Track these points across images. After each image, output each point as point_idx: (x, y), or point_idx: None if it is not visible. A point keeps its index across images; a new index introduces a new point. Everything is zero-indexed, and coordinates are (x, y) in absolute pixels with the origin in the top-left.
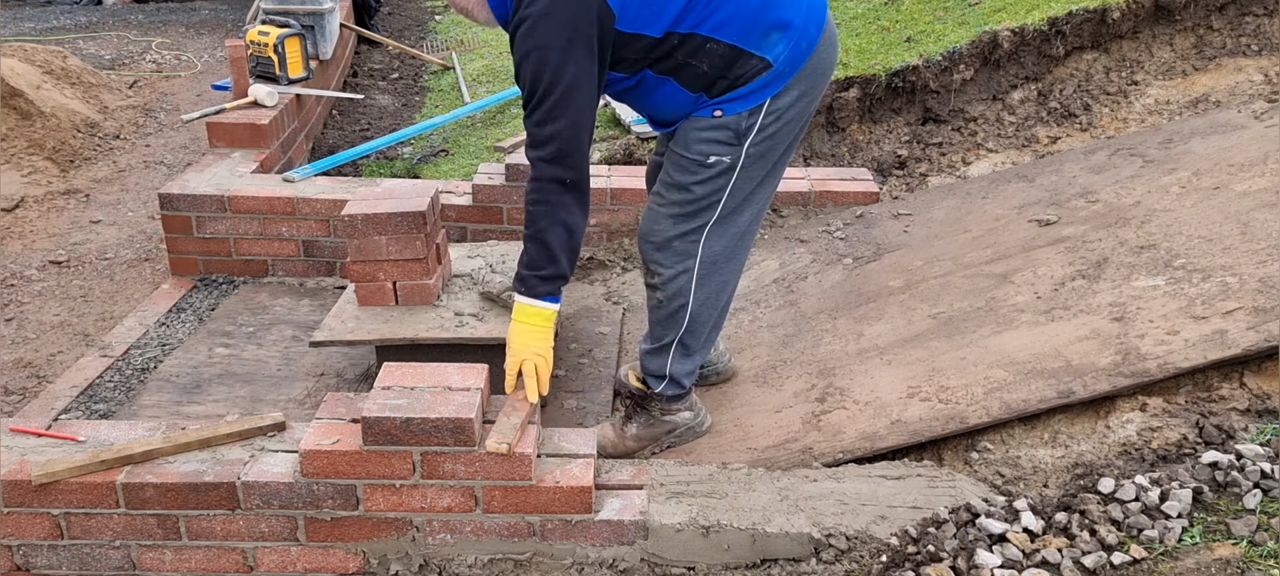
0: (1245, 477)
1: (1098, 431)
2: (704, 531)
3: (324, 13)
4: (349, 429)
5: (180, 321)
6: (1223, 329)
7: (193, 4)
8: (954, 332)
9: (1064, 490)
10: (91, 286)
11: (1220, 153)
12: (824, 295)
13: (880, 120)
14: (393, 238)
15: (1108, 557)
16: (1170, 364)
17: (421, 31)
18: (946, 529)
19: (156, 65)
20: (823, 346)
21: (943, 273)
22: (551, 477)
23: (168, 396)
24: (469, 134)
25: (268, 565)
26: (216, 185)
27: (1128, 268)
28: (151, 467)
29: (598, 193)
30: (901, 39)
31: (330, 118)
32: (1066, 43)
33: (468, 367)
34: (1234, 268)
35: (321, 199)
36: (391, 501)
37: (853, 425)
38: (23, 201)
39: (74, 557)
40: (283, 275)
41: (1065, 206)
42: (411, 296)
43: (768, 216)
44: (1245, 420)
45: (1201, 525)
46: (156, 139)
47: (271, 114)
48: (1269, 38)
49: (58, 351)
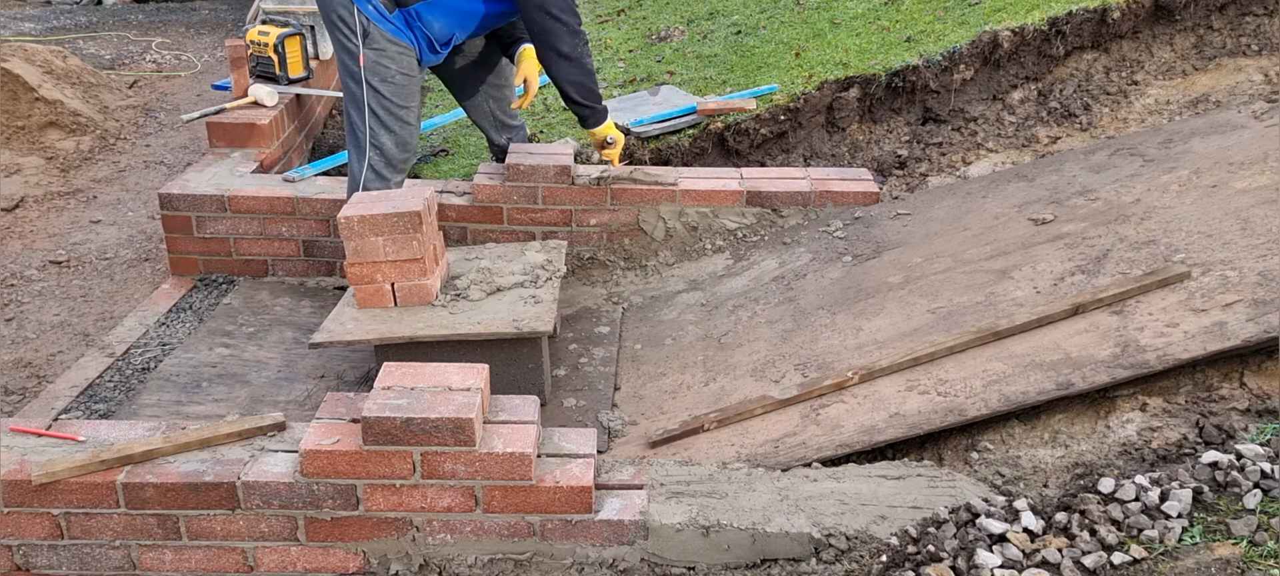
0: (1245, 477)
1: (1098, 431)
2: (704, 531)
3: None
4: (349, 429)
5: (180, 321)
6: (1222, 321)
7: (193, 4)
8: (953, 327)
9: (1064, 490)
10: (91, 286)
11: (1220, 152)
12: (823, 292)
13: (880, 120)
14: (390, 239)
15: (1108, 557)
16: (1169, 355)
17: None
18: (946, 529)
19: (156, 65)
20: (821, 341)
21: (942, 269)
22: (551, 477)
23: (167, 396)
24: (469, 134)
25: (268, 565)
26: (216, 185)
27: (1128, 262)
28: (151, 467)
29: (597, 193)
30: (901, 39)
31: (330, 118)
32: (1066, 43)
33: (468, 368)
34: (1233, 261)
35: (321, 199)
36: (391, 501)
37: (851, 419)
38: (23, 201)
39: (74, 557)
40: (283, 275)
41: (1065, 205)
42: (410, 297)
43: (767, 216)
44: (1245, 420)
45: (1201, 525)
46: (156, 139)
47: (271, 114)
48: (1269, 38)
49: (58, 351)
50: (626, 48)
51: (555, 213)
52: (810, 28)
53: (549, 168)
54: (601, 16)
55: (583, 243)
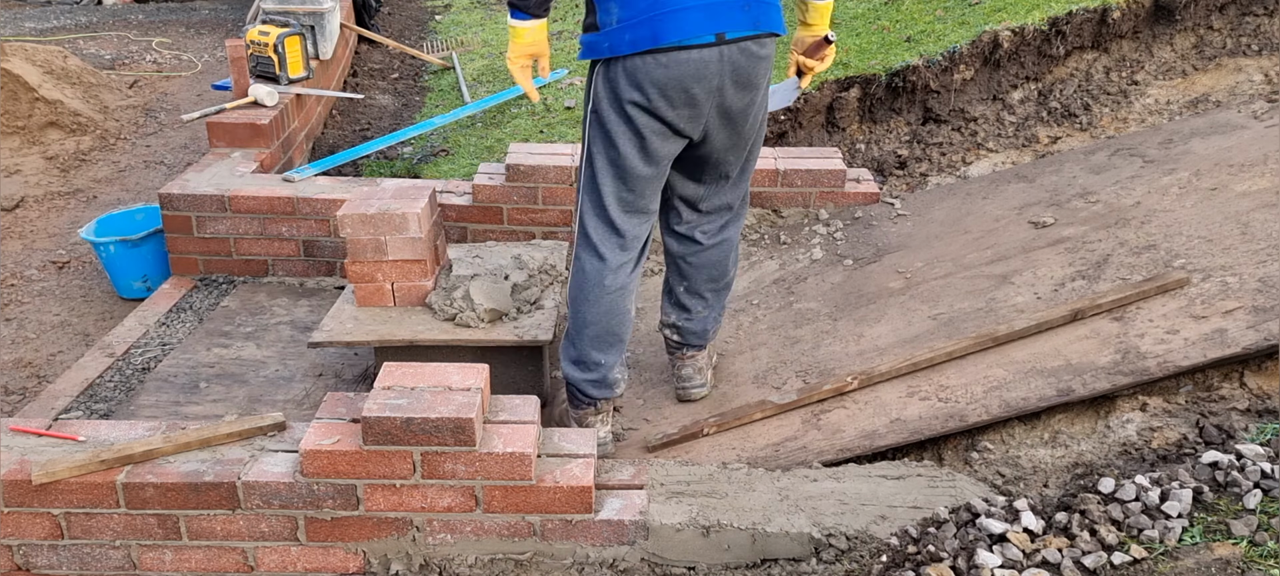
0: (1245, 477)
1: (1098, 431)
2: (704, 531)
3: (324, 12)
4: (349, 428)
5: (180, 321)
6: (1222, 328)
7: (193, 4)
8: (954, 333)
9: (1064, 490)
10: (91, 286)
11: (1220, 153)
12: (824, 296)
13: (880, 120)
14: (390, 238)
15: (1108, 557)
16: (1170, 362)
17: (421, 31)
18: (947, 529)
19: (156, 65)
20: (823, 347)
21: (943, 274)
22: (551, 477)
23: (166, 396)
24: (469, 134)
25: (268, 565)
26: (216, 185)
27: (1128, 268)
28: (152, 467)
29: None
30: (901, 39)
31: (330, 118)
32: (1066, 43)
33: (468, 367)
34: (1234, 267)
35: (321, 199)
36: (392, 501)
37: (852, 424)
38: (23, 201)
39: (74, 557)
40: (283, 275)
41: (1065, 207)
42: (409, 297)
43: (767, 216)
44: (1245, 420)
45: (1201, 525)
46: (156, 139)
47: (271, 114)
48: (1269, 38)
49: (58, 351)
50: None
51: (555, 213)
52: None
53: (549, 168)
54: None
55: None
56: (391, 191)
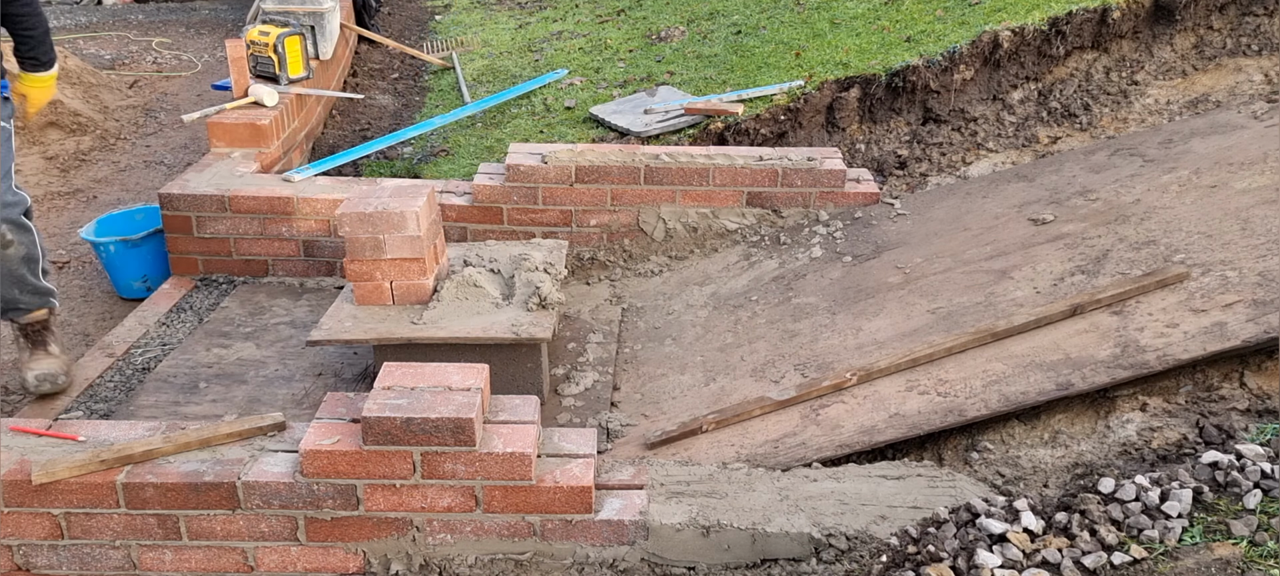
0: (1245, 477)
1: (1098, 431)
2: (704, 531)
3: (324, 13)
4: (349, 429)
5: (180, 321)
6: (1222, 321)
7: (193, 4)
8: (953, 328)
9: (1064, 490)
10: (91, 286)
11: (1220, 151)
12: (823, 292)
13: (880, 120)
14: (388, 237)
15: (1108, 557)
16: (1169, 356)
17: (421, 31)
18: (947, 529)
19: (156, 65)
20: (821, 340)
21: (942, 269)
22: (551, 477)
23: (166, 396)
24: (469, 134)
25: (268, 565)
26: (216, 185)
27: (1128, 263)
28: (151, 467)
29: (597, 193)
30: (901, 39)
31: (330, 118)
32: (1066, 43)
33: (468, 367)
34: (1233, 262)
35: (321, 199)
36: (392, 501)
37: (852, 419)
38: None
39: (74, 557)
40: (282, 275)
41: (1065, 205)
42: (408, 295)
43: (767, 216)
44: (1245, 420)
45: (1201, 525)
46: (156, 139)
47: (272, 114)
48: (1269, 38)
49: None
50: (626, 48)
51: (555, 213)
52: (810, 28)
53: (549, 168)
54: (601, 16)
55: (583, 243)
56: (390, 190)
